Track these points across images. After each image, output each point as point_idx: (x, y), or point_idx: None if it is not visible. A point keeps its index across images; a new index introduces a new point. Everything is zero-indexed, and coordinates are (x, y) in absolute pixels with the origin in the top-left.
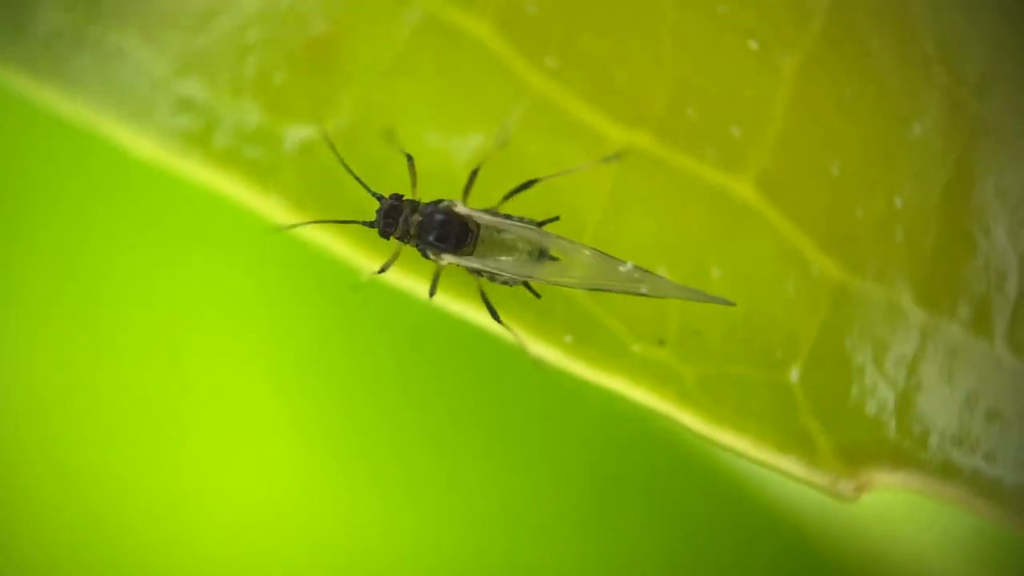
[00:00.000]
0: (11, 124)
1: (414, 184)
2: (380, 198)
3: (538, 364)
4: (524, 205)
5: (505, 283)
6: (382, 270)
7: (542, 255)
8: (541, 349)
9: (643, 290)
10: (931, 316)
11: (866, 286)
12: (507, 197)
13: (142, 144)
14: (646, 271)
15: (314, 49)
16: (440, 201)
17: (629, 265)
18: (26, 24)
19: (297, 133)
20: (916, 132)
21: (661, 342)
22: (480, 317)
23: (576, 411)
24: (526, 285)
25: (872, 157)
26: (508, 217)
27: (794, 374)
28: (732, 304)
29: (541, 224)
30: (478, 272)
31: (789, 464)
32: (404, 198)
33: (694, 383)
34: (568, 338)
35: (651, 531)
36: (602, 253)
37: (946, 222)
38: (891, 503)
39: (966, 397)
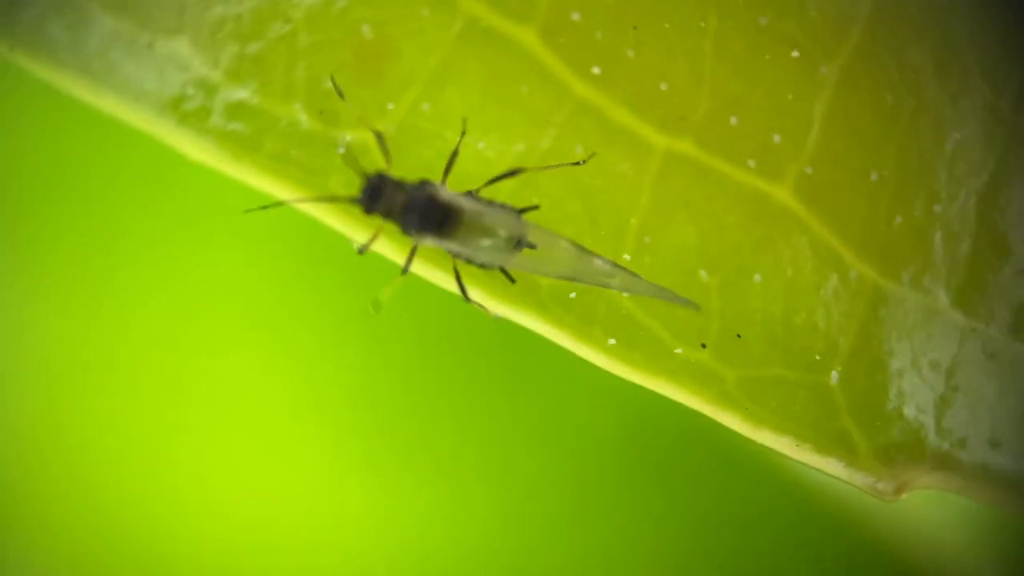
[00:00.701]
0: (68, 128)
1: (388, 162)
2: (366, 176)
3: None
4: (559, 204)
5: (481, 266)
6: (362, 249)
7: (520, 243)
8: (584, 352)
9: (614, 285)
10: (969, 320)
11: (904, 291)
12: (490, 183)
13: (198, 148)
14: (619, 267)
15: (362, 56)
16: (425, 183)
17: (602, 261)
18: (81, 31)
19: (346, 137)
20: (954, 141)
21: (703, 345)
22: (492, 306)
23: (594, 396)
24: (502, 270)
25: (910, 165)
26: (490, 203)
27: (834, 376)
28: (697, 308)
29: (521, 212)
30: (455, 254)
31: (829, 465)
32: (389, 177)
33: (735, 385)
34: (611, 341)
35: (673, 508)
36: (578, 246)
37: (983, 228)
38: (927, 500)
39: (1005, 400)
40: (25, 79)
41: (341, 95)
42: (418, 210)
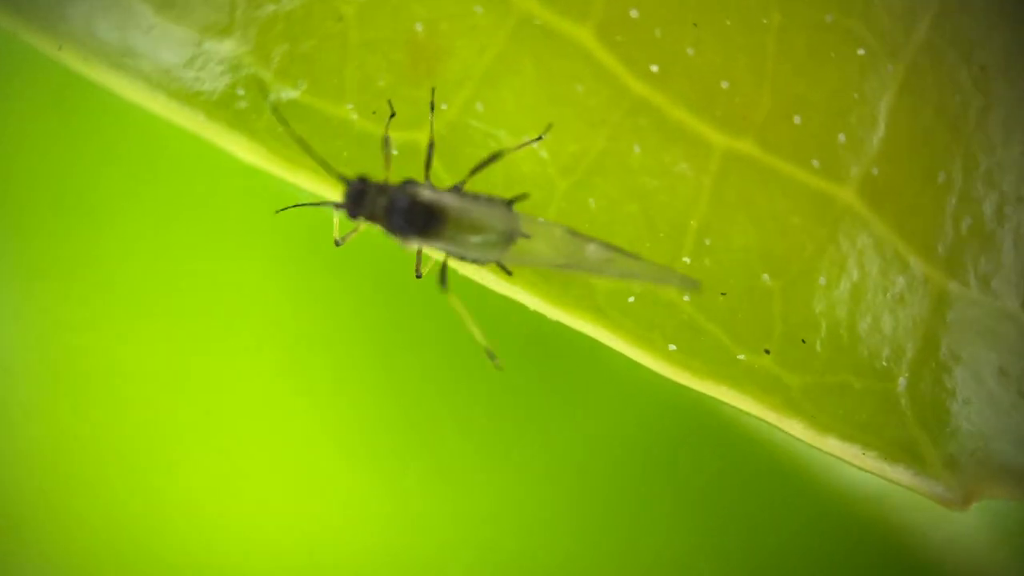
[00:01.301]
0: (75, 126)
1: (387, 166)
2: (347, 181)
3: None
4: (615, 205)
5: (475, 262)
6: (339, 243)
7: (512, 235)
8: (643, 358)
9: (612, 271)
10: None
11: (972, 294)
12: (473, 172)
13: (249, 150)
14: (615, 250)
15: (415, 55)
16: (406, 184)
17: (595, 245)
18: (130, 30)
19: (398, 137)
20: None
21: (766, 351)
22: (546, 309)
23: (605, 397)
24: (499, 264)
25: (979, 166)
26: (476, 197)
27: (901, 383)
28: (697, 286)
29: (510, 202)
30: (447, 252)
31: (896, 473)
32: (370, 180)
33: (799, 392)
34: (672, 347)
35: (681, 505)
36: (571, 231)
37: None
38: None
39: None
40: (34, 70)
41: (392, 112)
42: (400, 212)
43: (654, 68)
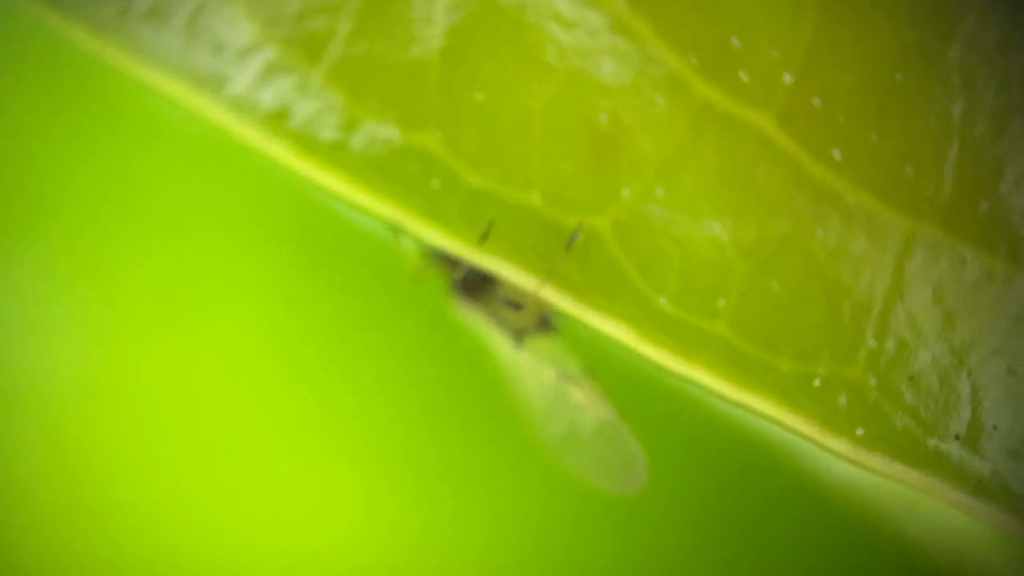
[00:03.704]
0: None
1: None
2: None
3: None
4: (796, 288)
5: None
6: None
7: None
8: (830, 442)
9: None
10: None
11: None
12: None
13: (440, 236)
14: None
15: (597, 145)
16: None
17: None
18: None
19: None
20: None
21: (956, 437)
22: (725, 389)
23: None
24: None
25: None
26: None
27: None
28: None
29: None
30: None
31: None
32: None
33: (990, 476)
34: (860, 431)
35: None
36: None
37: None
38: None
39: None
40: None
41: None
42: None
43: (836, 154)
